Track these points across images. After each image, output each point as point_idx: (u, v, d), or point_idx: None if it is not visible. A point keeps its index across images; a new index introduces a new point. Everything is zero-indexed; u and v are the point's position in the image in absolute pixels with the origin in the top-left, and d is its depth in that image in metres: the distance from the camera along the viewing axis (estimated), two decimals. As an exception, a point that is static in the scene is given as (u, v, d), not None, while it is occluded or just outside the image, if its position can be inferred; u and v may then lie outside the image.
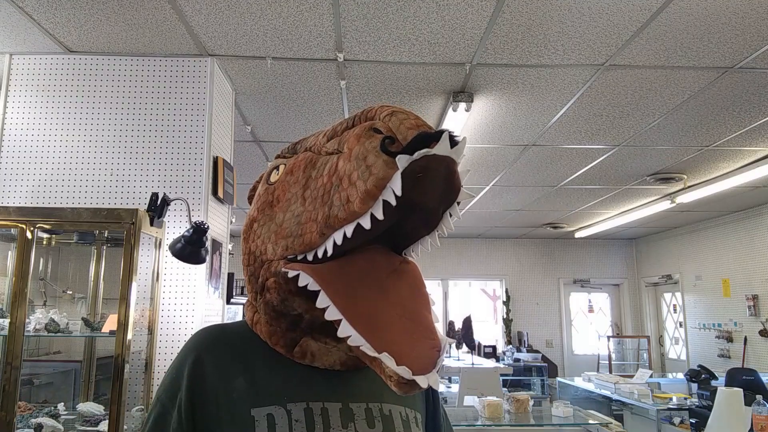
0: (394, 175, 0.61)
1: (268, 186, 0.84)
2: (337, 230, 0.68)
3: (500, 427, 3.33)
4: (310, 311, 0.75)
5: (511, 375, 6.75)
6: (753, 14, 2.44)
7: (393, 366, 0.62)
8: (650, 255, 8.82)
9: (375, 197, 0.63)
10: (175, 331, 2.56)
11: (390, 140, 0.63)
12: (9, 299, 2.17)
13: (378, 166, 0.62)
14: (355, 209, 0.64)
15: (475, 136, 4.07)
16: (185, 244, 2.29)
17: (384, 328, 0.67)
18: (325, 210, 0.68)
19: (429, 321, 0.70)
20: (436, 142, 0.61)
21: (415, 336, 0.67)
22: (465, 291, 9.32)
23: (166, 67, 2.82)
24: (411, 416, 0.85)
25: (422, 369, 0.62)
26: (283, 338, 0.81)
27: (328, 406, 0.78)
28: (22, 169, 2.68)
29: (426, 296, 0.73)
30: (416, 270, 0.76)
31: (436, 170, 0.63)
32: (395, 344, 0.64)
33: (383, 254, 0.77)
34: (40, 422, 2.09)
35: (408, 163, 0.61)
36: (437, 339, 0.67)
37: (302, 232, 0.72)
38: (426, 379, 0.61)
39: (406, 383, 0.61)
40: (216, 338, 0.84)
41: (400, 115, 0.65)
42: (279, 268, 0.75)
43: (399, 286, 0.73)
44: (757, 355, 6.35)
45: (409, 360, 0.62)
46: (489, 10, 2.43)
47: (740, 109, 3.49)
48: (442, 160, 0.62)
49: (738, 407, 2.62)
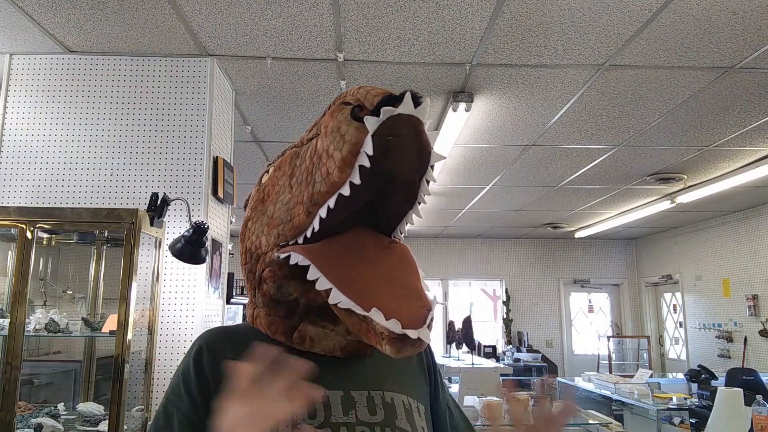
0: (366, 138, 0.64)
1: (259, 187, 0.87)
2: (322, 206, 0.70)
3: (500, 427, 3.32)
4: (306, 294, 0.77)
5: (511, 375, 6.75)
6: (753, 14, 2.44)
7: (382, 321, 0.63)
8: (650, 255, 8.82)
9: (351, 164, 0.65)
10: (175, 331, 2.55)
11: (359, 108, 0.66)
12: (9, 299, 2.17)
13: (350, 132, 0.65)
14: (335, 179, 0.67)
15: (475, 136, 4.07)
16: (185, 244, 2.29)
17: (372, 291, 0.68)
18: (309, 189, 0.71)
19: (417, 286, 0.71)
20: (401, 103, 0.63)
21: (404, 297, 0.68)
22: (465, 291, 9.33)
23: (166, 67, 2.82)
24: (414, 405, 0.85)
25: (412, 323, 0.63)
26: (282, 325, 0.82)
27: (329, 394, 0.78)
28: (22, 169, 2.68)
29: (414, 267, 0.75)
30: (405, 248, 0.78)
31: (405, 135, 0.66)
32: (384, 302, 0.65)
33: (372, 235, 0.79)
34: (40, 422, 2.09)
35: (377, 124, 0.63)
36: (426, 300, 0.68)
37: (291, 217, 0.75)
38: (417, 333, 0.62)
39: (397, 338, 0.62)
40: (219, 337, 0.85)
41: (367, 87, 0.68)
42: (272, 256, 0.77)
43: (387, 258, 0.75)
44: (757, 355, 6.35)
45: (399, 315, 0.63)
46: (489, 10, 2.43)
47: (740, 109, 3.49)
48: (408, 121, 0.64)
49: (738, 407, 2.62)
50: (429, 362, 0.97)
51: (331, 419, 0.76)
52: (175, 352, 2.53)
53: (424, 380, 0.94)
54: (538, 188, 5.68)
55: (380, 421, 0.78)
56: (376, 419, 0.78)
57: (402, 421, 0.80)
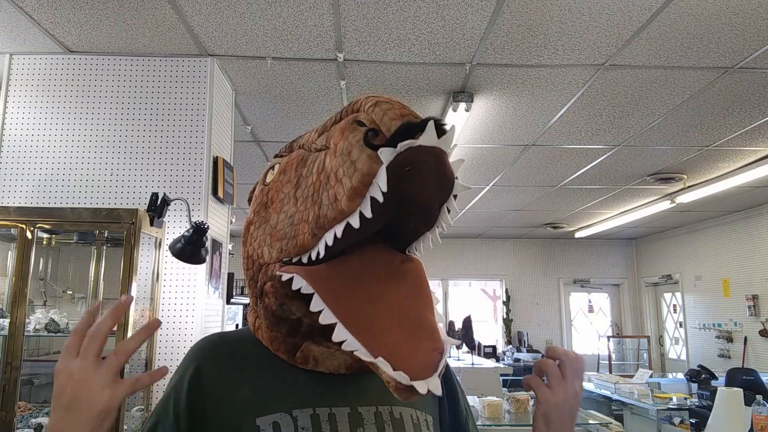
0: (379, 170, 0.58)
1: (263, 187, 0.82)
2: (328, 230, 0.65)
3: (500, 427, 3.33)
4: (309, 315, 0.70)
5: (511, 375, 6.75)
6: (753, 14, 2.44)
7: (389, 372, 0.58)
8: (650, 255, 8.82)
9: (362, 194, 0.59)
10: (175, 331, 2.55)
11: (373, 133, 0.59)
12: (9, 299, 2.17)
13: (362, 161, 0.59)
14: (343, 208, 0.61)
15: (475, 136, 4.07)
16: (185, 244, 2.29)
17: (381, 331, 0.63)
18: (315, 210, 0.66)
19: (430, 321, 0.65)
20: (422, 133, 0.57)
21: (414, 338, 0.63)
22: (465, 291, 9.32)
23: (166, 67, 2.82)
24: (422, 419, 0.83)
25: (421, 373, 0.58)
26: (284, 344, 0.79)
27: (335, 412, 0.75)
28: (22, 169, 2.68)
29: (428, 295, 0.69)
30: (419, 268, 0.73)
31: (425, 162, 0.59)
32: (392, 348, 0.60)
33: (382, 253, 0.73)
34: (40, 422, 2.09)
35: (392, 156, 0.57)
36: (438, 340, 0.63)
37: (295, 234, 0.69)
38: (425, 384, 0.57)
39: (405, 389, 0.57)
40: (217, 347, 0.82)
41: (384, 105, 0.61)
42: (275, 272, 0.73)
43: (398, 286, 0.69)
44: (757, 355, 6.35)
45: (407, 364, 0.58)
46: (489, 10, 2.43)
47: (740, 109, 3.49)
48: (430, 151, 0.58)
49: (738, 407, 2.62)
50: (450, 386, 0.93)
51: None
52: (175, 352, 2.53)
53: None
54: (538, 188, 5.68)
55: None
56: None
57: None
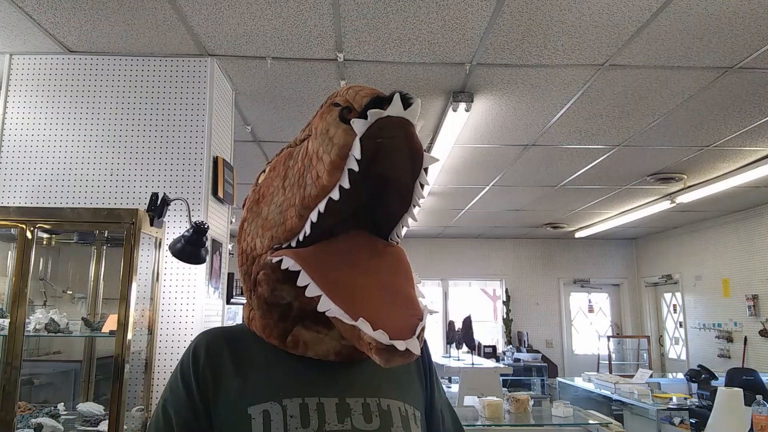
0: (354, 141, 0.63)
1: (255, 188, 0.87)
2: (313, 210, 0.69)
3: (500, 427, 3.33)
4: (299, 298, 0.75)
5: (511, 375, 6.75)
6: (753, 14, 2.44)
7: (369, 331, 0.61)
8: (650, 255, 8.82)
9: (340, 167, 0.64)
10: (175, 331, 2.55)
11: (347, 110, 0.64)
12: (9, 299, 2.16)
13: (339, 135, 0.64)
14: (324, 183, 0.66)
15: (475, 136, 4.07)
16: (185, 244, 2.29)
17: (362, 299, 0.67)
18: (301, 192, 0.70)
19: (409, 293, 0.70)
20: (389, 105, 0.62)
21: (395, 305, 0.67)
22: (465, 291, 9.32)
23: (166, 67, 2.82)
24: (410, 412, 0.84)
25: (400, 334, 0.61)
26: (276, 329, 0.82)
27: (324, 401, 0.77)
28: (22, 169, 2.68)
29: (408, 273, 0.73)
30: (400, 251, 0.77)
31: (394, 134, 0.64)
32: (373, 311, 0.64)
33: (367, 238, 0.78)
34: (40, 422, 2.09)
35: (365, 127, 0.62)
36: (417, 308, 0.67)
37: (284, 219, 0.74)
38: (405, 344, 0.60)
39: (385, 349, 0.60)
40: (216, 338, 0.85)
41: (356, 87, 0.67)
42: (266, 259, 0.76)
43: (380, 264, 0.74)
44: (757, 355, 6.35)
45: (387, 324, 0.62)
46: (489, 10, 2.43)
47: (740, 109, 3.49)
48: (398, 123, 0.63)
49: (738, 407, 2.62)
50: (425, 365, 0.96)
51: (326, 427, 0.75)
52: (175, 352, 2.53)
53: (420, 385, 0.93)
54: (538, 188, 5.68)
55: (376, 429, 0.78)
56: (372, 427, 0.78)
57: (398, 429, 0.80)
